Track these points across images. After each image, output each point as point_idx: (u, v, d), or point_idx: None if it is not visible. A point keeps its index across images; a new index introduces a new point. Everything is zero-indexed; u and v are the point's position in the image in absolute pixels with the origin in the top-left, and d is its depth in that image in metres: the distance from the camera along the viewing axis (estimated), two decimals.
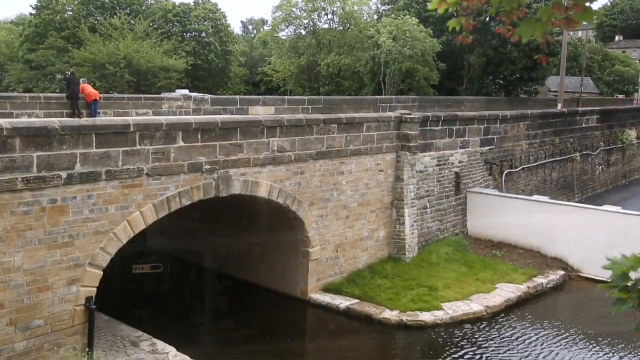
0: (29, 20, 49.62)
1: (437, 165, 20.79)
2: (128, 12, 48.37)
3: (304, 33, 52.30)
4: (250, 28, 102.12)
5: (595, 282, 17.84)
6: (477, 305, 16.16)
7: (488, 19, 40.44)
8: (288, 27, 53.18)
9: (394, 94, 38.46)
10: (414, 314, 15.43)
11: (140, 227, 12.44)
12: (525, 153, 26.33)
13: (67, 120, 12.86)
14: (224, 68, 53.98)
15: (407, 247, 18.81)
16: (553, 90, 62.39)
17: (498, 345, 14.41)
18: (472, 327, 15.28)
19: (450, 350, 14.02)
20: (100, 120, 13.11)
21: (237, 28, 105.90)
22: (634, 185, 37.66)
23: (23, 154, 10.45)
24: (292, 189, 15.62)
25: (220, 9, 56.14)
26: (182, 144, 12.96)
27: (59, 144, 10.91)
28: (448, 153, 21.28)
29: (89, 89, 18.49)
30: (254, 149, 14.52)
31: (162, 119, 13.20)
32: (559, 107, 36.55)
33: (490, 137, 23.61)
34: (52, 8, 46.29)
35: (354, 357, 14.03)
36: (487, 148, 23.43)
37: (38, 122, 11.80)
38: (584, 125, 32.06)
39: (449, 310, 15.72)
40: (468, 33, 4.19)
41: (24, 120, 13.90)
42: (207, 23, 52.84)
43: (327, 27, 52.02)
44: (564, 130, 29.81)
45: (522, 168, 25.90)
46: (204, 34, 52.61)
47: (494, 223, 21.42)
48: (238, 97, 23.39)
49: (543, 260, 20.01)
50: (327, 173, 16.64)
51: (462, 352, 13.97)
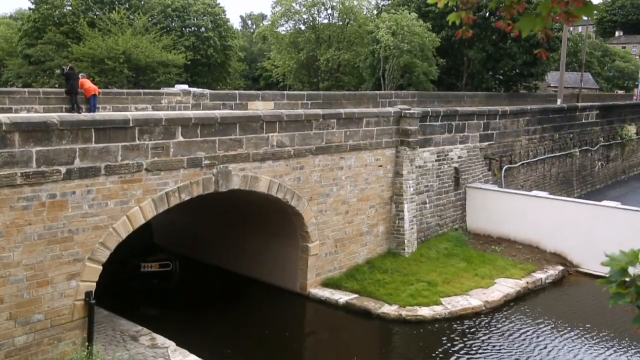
0: (28, 15, 49.45)
1: (436, 161, 20.79)
2: (127, 6, 48.22)
3: (303, 28, 52.20)
4: (249, 23, 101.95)
5: (594, 277, 17.88)
6: (475, 300, 16.20)
7: (488, 14, 40.40)
8: (287, 22, 53.09)
9: (393, 89, 38.42)
10: (413, 309, 15.47)
11: (140, 222, 12.44)
12: (525, 148, 26.33)
13: (66, 115, 12.83)
14: (223, 63, 53.87)
15: (406, 242, 18.84)
16: (552, 86, 62.35)
17: (497, 340, 14.45)
18: (470, 321, 15.32)
19: (449, 345, 14.06)
20: (99, 115, 13.09)
21: (236, 23, 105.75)
22: (633, 181, 37.71)
23: (22, 149, 10.44)
24: (291, 184, 15.62)
25: (219, 4, 55.97)
26: (181, 139, 12.96)
27: (58, 139, 10.90)
28: (447, 148, 21.28)
29: (88, 84, 18.44)
30: (253, 144, 14.52)
31: (161, 114, 13.19)
32: (559, 102, 36.54)
33: (490, 132, 23.61)
34: (50, 3, 46.16)
35: (353, 351, 14.06)
36: (486, 143, 23.43)
37: (37, 116, 11.78)
38: (584, 121, 32.07)
39: (448, 305, 15.76)
40: (468, 27, 4.19)
41: (23, 115, 13.88)
42: (206, 18, 52.71)
43: (326, 22, 51.94)
44: (564, 126, 29.81)
45: (521, 163, 25.90)
46: (203, 29, 52.50)
47: (493, 218, 21.45)
48: (237, 92, 23.34)
49: (542, 256, 20.05)
50: (326, 168, 16.64)
51: (460, 346, 14.02)
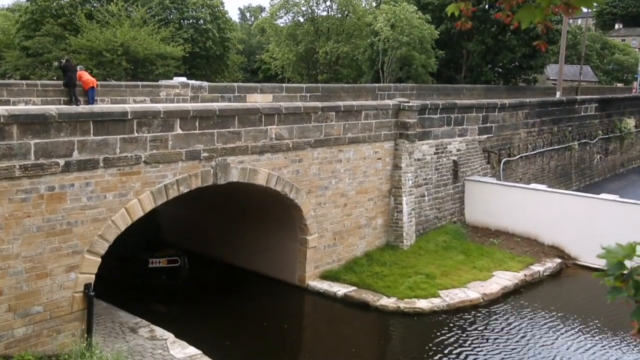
0: (25, 7, 49.19)
1: (435, 153, 20.79)
2: None
3: (302, 20, 52.01)
4: (248, 15, 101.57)
5: (592, 270, 17.92)
6: (473, 293, 16.26)
7: (487, 6, 40.28)
8: (286, 14, 52.88)
9: (392, 82, 38.35)
10: (411, 301, 15.52)
11: (138, 214, 12.45)
12: (524, 141, 26.32)
13: (64, 108, 12.80)
14: (222, 55, 53.69)
15: (404, 234, 18.87)
16: (552, 79, 62.27)
17: (494, 332, 14.52)
18: (468, 314, 15.38)
19: (447, 337, 14.12)
20: (98, 108, 13.05)
21: (234, 15, 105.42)
22: (632, 174, 37.74)
23: (20, 141, 10.42)
24: (290, 177, 15.62)
25: None
26: (179, 132, 12.94)
27: (56, 131, 10.88)
28: (446, 141, 21.28)
29: (86, 76, 18.39)
30: (252, 137, 14.50)
31: (159, 106, 13.16)
32: (558, 95, 36.49)
33: (489, 125, 23.60)
34: None
35: (351, 343, 14.11)
36: (485, 136, 23.42)
37: (35, 109, 11.75)
38: (583, 114, 32.04)
39: (446, 298, 15.81)
40: (467, 19, 4.17)
41: (21, 108, 13.85)
42: (204, 10, 52.48)
43: (325, 14, 51.74)
44: (562, 119, 29.79)
45: (520, 156, 25.91)
46: (202, 21, 52.29)
47: (492, 211, 21.48)
48: (236, 84, 23.30)
49: (540, 248, 20.10)
50: (325, 161, 16.64)
51: (458, 338, 14.08)
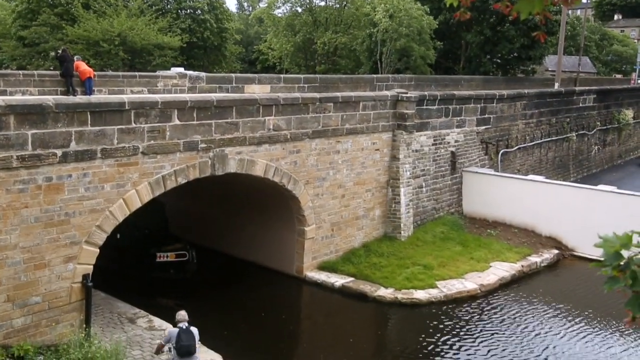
0: None
1: (433, 145, 20.79)
2: None
3: (300, 10, 51.72)
4: (246, 5, 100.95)
5: (589, 261, 18.00)
6: (471, 284, 16.32)
7: None
8: (284, 4, 52.56)
9: (391, 73, 38.26)
10: (409, 292, 15.58)
11: (136, 205, 12.45)
12: (522, 132, 26.33)
13: (61, 98, 12.77)
14: (219, 46, 53.41)
15: (402, 225, 18.90)
16: (550, 70, 62.16)
17: (491, 323, 14.59)
18: (466, 305, 15.45)
19: (444, 328, 14.19)
20: (95, 98, 13.01)
21: (232, 5, 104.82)
22: (630, 165, 37.81)
23: (17, 132, 10.39)
24: (287, 168, 15.62)
25: None
26: (177, 122, 12.91)
27: (54, 122, 10.85)
28: (444, 132, 21.27)
29: (83, 67, 18.27)
30: (250, 128, 14.48)
31: (157, 97, 13.12)
32: (556, 86, 36.45)
33: (487, 116, 23.58)
34: None
35: (349, 334, 14.18)
36: (483, 127, 23.42)
37: (32, 99, 11.72)
38: (581, 105, 32.04)
39: (443, 288, 15.87)
40: (466, 9, 4.16)
41: (18, 98, 13.79)
42: (202, 0, 52.16)
43: (323, 4, 51.45)
44: (561, 110, 29.79)
45: (518, 147, 25.92)
46: (199, 11, 51.97)
47: (489, 202, 21.52)
48: (234, 75, 23.23)
49: (537, 239, 20.16)
50: (322, 152, 16.63)
51: (455, 329, 14.15)
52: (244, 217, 17.78)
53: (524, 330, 14.23)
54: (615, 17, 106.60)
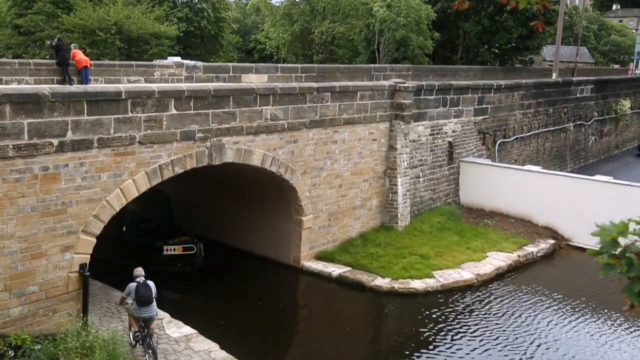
0: None
1: (430, 135, 20.78)
2: None
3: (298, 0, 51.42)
4: None
5: (585, 250, 18.09)
6: (467, 273, 16.38)
7: None
8: None
9: (388, 63, 38.15)
10: (406, 282, 15.63)
11: (133, 195, 12.44)
12: (519, 123, 26.33)
13: (57, 87, 12.70)
14: (217, 35, 53.13)
15: (399, 215, 18.94)
16: (548, 60, 62.05)
17: (487, 312, 14.67)
18: (462, 294, 15.52)
19: (441, 317, 14.26)
20: (92, 87, 12.96)
21: None
22: (626, 155, 37.87)
23: (13, 121, 10.35)
24: (285, 158, 15.60)
25: None
26: (174, 112, 12.87)
27: (50, 111, 10.80)
28: (441, 122, 21.25)
29: (80, 55, 18.16)
30: (247, 117, 14.44)
31: (153, 86, 13.07)
32: (554, 76, 36.40)
33: (484, 106, 23.56)
34: None
35: (346, 323, 14.24)
36: (480, 117, 23.41)
37: (28, 88, 11.65)
38: (578, 95, 32.02)
39: (440, 278, 15.93)
40: None
41: (14, 87, 13.73)
42: None
43: None
44: (558, 100, 29.77)
45: (515, 138, 25.93)
46: (196, 0, 51.67)
47: (486, 192, 21.56)
48: (231, 64, 23.12)
49: (534, 229, 20.23)
50: (320, 142, 16.61)
51: (452, 318, 14.22)
52: (242, 207, 17.77)
53: (520, 319, 14.30)
54: (614, 7, 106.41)
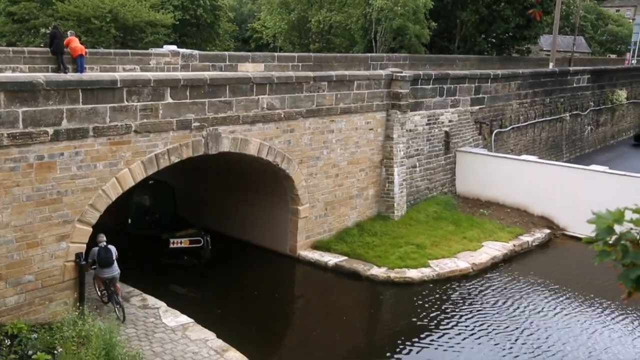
0: None
1: (427, 124, 20.76)
2: None
3: None
4: None
5: (580, 240, 18.14)
6: (463, 263, 16.44)
7: None
8: None
9: (385, 52, 38.02)
10: (402, 271, 15.68)
11: (129, 184, 12.40)
12: (515, 112, 26.32)
13: (52, 75, 12.62)
14: (213, 23, 52.79)
15: (395, 205, 18.96)
16: (545, 49, 61.99)
17: (483, 301, 14.75)
18: (458, 283, 15.59)
19: (436, 306, 14.33)
20: (87, 76, 12.86)
21: None
22: (622, 145, 37.95)
23: (8, 109, 10.28)
24: (281, 147, 15.57)
25: None
26: (170, 101, 12.81)
27: (45, 100, 10.74)
28: (438, 112, 21.23)
29: (75, 43, 17.98)
30: (243, 106, 14.39)
31: (149, 75, 12.99)
32: (551, 66, 36.36)
33: (481, 96, 23.53)
34: None
35: (342, 312, 14.30)
36: (477, 107, 23.38)
37: (23, 76, 11.57)
38: (575, 85, 32.00)
39: (436, 267, 15.99)
40: None
41: (8, 75, 13.62)
42: None
43: None
44: (555, 90, 29.75)
45: (511, 127, 25.94)
46: None
47: (483, 182, 21.59)
48: (227, 53, 23.00)
49: (529, 219, 20.30)
50: (316, 131, 16.57)
51: (447, 307, 14.30)
52: (239, 197, 17.76)
53: (515, 308, 14.39)
54: None
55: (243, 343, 11.58)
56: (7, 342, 10.17)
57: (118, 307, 12.00)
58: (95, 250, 11.94)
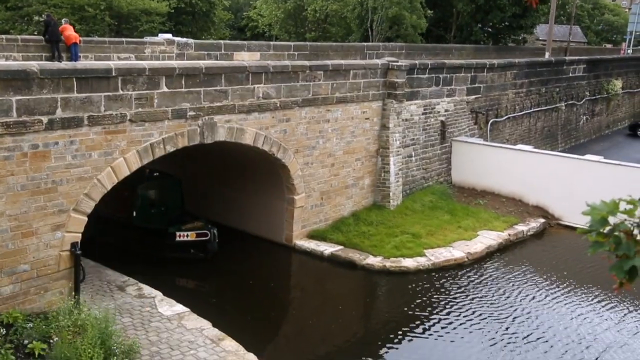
0: None
1: (423, 114, 20.75)
2: None
3: None
4: None
5: (574, 229, 18.25)
6: (458, 252, 16.52)
7: None
8: None
9: (381, 41, 37.89)
10: (397, 260, 15.74)
11: (124, 173, 12.37)
12: (511, 102, 26.32)
13: (46, 64, 12.53)
14: (208, 12, 52.44)
15: (391, 194, 18.99)
16: (541, 39, 61.88)
17: (478, 290, 14.83)
18: (453, 272, 15.67)
19: (432, 295, 14.41)
20: (81, 64, 12.76)
21: None
22: (617, 135, 38.05)
23: (1, 98, 10.21)
24: (277, 136, 15.55)
25: None
26: (165, 90, 12.75)
27: (39, 88, 10.67)
28: (434, 101, 21.21)
29: (69, 31, 17.84)
30: (239, 95, 14.33)
31: (144, 64, 12.91)
32: (547, 55, 36.34)
33: (477, 85, 23.52)
34: None
35: (337, 301, 14.36)
36: (473, 97, 23.37)
37: (16, 64, 11.46)
38: (571, 75, 32.00)
39: (431, 257, 16.06)
40: None
41: (1, 63, 13.50)
42: None
43: None
44: (550, 80, 29.75)
45: (507, 117, 25.96)
46: None
47: (478, 171, 21.63)
48: (222, 42, 22.87)
49: (524, 208, 20.37)
50: (312, 120, 16.54)
51: (443, 297, 14.38)
52: (235, 186, 17.75)
53: (510, 297, 14.49)
54: None
55: (239, 332, 11.63)
56: (2, 331, 10.18)
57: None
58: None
